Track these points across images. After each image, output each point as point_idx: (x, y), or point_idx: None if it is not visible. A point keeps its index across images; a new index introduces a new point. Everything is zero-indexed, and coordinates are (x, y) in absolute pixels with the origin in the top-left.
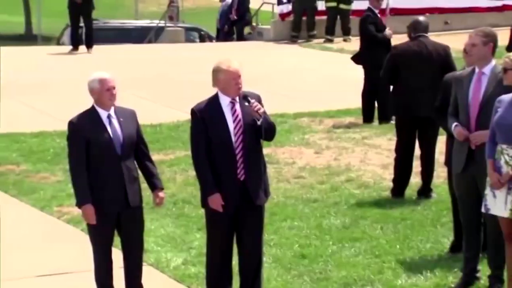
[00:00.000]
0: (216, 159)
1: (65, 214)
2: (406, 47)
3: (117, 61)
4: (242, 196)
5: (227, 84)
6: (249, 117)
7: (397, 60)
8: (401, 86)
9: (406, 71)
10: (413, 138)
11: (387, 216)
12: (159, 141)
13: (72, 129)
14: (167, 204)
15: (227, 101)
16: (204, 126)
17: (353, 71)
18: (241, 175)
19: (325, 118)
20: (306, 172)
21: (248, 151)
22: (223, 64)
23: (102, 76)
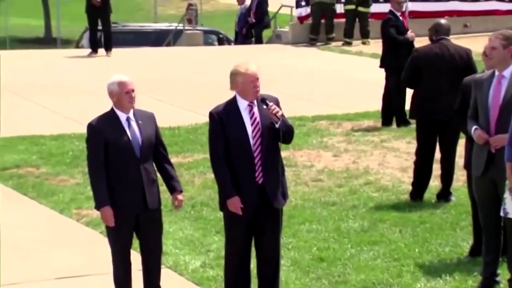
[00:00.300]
0: (234, 162)
1: (84, 217)
2: (428, 49)
3: (135, 64)
4: (261, 199)
5: (245, 87)
6: (267, 120)
7: (418, 63)
8: (422, 89)
9: (428, 73)
10: (434, 141)
11: (406, 219)
12: (178, 144)
13: (91, 132)
14: (186, 206)
15: (245, 104)
16: (222, 129)
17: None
18: (259, 178)
19: (343, 121)
20: (325, 175)
21: (266, 154)
22: (241, 67)
23: (121, 79)
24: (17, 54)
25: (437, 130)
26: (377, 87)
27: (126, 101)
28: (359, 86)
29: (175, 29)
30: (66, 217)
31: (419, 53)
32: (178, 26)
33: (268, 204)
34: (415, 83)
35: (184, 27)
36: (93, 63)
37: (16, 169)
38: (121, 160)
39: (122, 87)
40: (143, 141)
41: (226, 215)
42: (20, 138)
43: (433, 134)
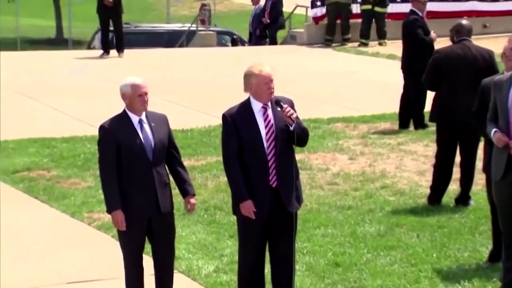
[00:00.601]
0: (248, 165)
1: (95, 220)
2: (450, 51)
3: (148, 65)
4: (275, 203)
5: (259, 89)
6: (282, 123)
7: (440, 64)
8: (444, 91)
9: (449, 75)
10: (454, 144)
11: (424, 223)
12: (190, 146)
13: (103, 134)
14: (198, 210)
15: (259, 106)
16: (236, 132)
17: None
18: (273, 182)
19: (359, 124)
20: (340, 179)
21: (280, 157)
22: (255, 68)
23: (135, 81)
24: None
25: (458, 133)
26: (394, 88)
27: (138, 104)
28: (375, 88)
29: (188, 30)
30: (78, 221)
31: (440, 55)
32: (191, 27)
33: (283, 208)
34: (437, 85)
35: (197, 28)
36: (105, 64)
37: (27, 172)
38: (133, 163)
39: (135, 90)
40: (155, 143)
41: (239, 219)
42: (31, 140)
43: (453, 136)
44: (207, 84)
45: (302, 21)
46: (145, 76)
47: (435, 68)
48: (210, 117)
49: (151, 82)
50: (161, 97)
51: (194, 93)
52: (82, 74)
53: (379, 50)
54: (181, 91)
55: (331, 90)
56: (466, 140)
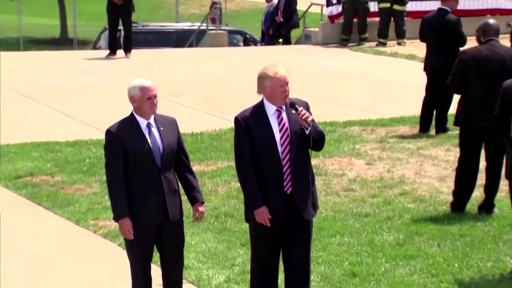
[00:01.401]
0: (262, 170)
1: (101, 228)
2: (476, 52)
3: (156, 66)
4: (289, 209)
5: (273, 92)
6: (297, 126)
7: (467, 66)
8: (470, 94)
9: (476, 77)
10: (479, 149)
11: (445, 232)
12: (200, 151)
13: (110, 138)
14: (209, 218)
15: (273, 109)
16: (249, 135)
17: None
18: (288, 188)
19: (377, 127)
20: (357, 185)
21: (295, 162)
22: (269, 70)
23: (143, 83)
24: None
25: (483, 137)
26: (414, 90)
27: (147, 107)
28: (394, 90)
29: (198, 29)
30: (83, 229)
31: (467, 56)
32: (201, 26)
33: (298, 215)
34: (463, 88)
35: (208, 27)
36: (111, 65)
37: (30, 178)
38: (141, 168)
39: (144, 92)
40: (164, 148)
41: (252, 227)
42: (34, 144)
43: (477, 141)
44: (217, 85)
45: (317, 19)
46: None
47: (462, 70)
48: (221, 120)
49: (160, 83)
50: (169, 99)
51: (204, 95)
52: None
53: (397, 50)
54: (191, 93)
55: (348, 92)
56: (492, 145)
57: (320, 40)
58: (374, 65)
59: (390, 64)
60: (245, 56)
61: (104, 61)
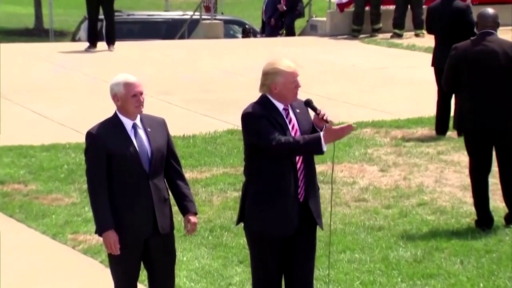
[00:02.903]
0: (276, 176)
1: (81, 243)
2: (468, 46)
3: (143, 60)
4: (302, 219)
5: (286, 88)
6: (304, 125)
7: (458, 63)
8: (464, 94)
9: (468, 76)
10: (487, 154)
11: (468, 247)
12: (193, 156)
13: (91, 142)
14: (202, 231)
15: (280, 108)
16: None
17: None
18: (301, 194)
19: (392, 129)
20: (369, 194)
21: (307, 166)
22: (280, 64)
23: (128, 79)
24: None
25: (491, 142)
26: (433, 88)
27: (132, 106)
28: (411, 87)
29: (190, 19)
30: (60, 243)
31: (457, 51)
32: (194, 15)
33: (308, 225)
34: (457, 88)
35: (201, 16)
36: (92, 59)
37: (0, 186)
38: (127, 175)
39: (129, 89)
40: (152, 152)
41: (253, 238)
42: (4, 149)
43: (485, 146)
44: (213, 82)
45: (324, 8)
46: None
47: (453, 67)
48: (216, 122)
49: (147, 80)
50: (158, 98)
51: (198, 93)
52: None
53: (415, 42)
54: (182, 91)
55: (359, 89)
56: (503, 149)
57: (327, 31)
58: (388, 59)
59: (406, 58)
60: (244, 49)
61: (84, 54)
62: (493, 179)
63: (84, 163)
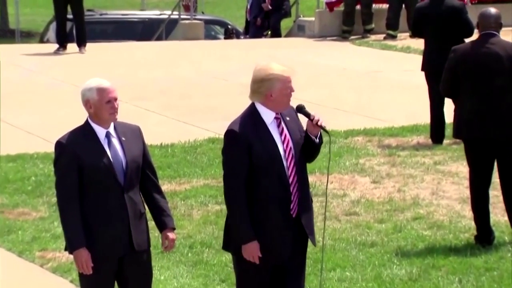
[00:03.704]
0: (264, 193)
1: (50, 261)
2: (468, 49)
3: (117, 63)
4: (298, 237)
5: (281, 94)
6: (296, 134)
7: (456, 67)
8: (464, 100)
9: (468, 80)
10: (486, 164)
11: (467, 265)
12: (171, 166)
13: (61, 152)
14: (181, 248)
15: (271, 117)
16: (248, 154)
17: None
18: (294, 210)
19: (385, 137)
20: (361, 207)
21: (300, 179)
22: (274, 69)
23: (101, 84)
24: None
25: (493, 152)
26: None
27: (106, 113)
28: (406, 92)
29: (168, 18)
30: (27, 261)
31: (456, 54)
32: (172, 15)
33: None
34: (456, 93)
35: (180, 16)
36: (61, 62)
37: None
38: (99, 188)
39: (102, 95)
40: (127, 163)
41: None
42: None
43: (487, 156)
44: (193, 87)
45: (313, 7)
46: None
47: (451, 71)
48: (197, 130)
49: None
50: (134, 104)
51: (176, 99)
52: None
53: (410, 44)
54: (159, 96)
55: (350, 95)
56: (505, 161)
57: (316, 32)
58: (381, 62)
59: (401, 61)
60: (227, 52)
61: (53, 57)
62: (493, 191)
63: (53, 175)
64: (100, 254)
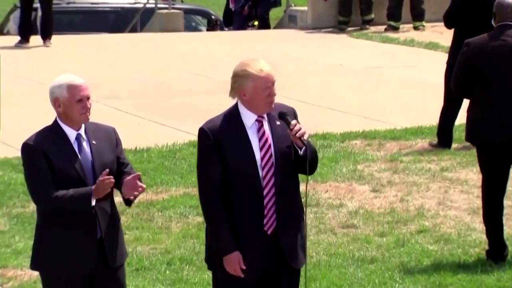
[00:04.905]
0: (236, 202)
1: (11, 280)
2: (483, 42)
3: (86, 57)
4: (272, 256)
5: (256, 96)
6: (283, 142)
7: (471, 61)
8: (479, 99)
9: (483, 76)
10: (502, 170)
11: (478, 283)
12: (147, 173)
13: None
14: (158, 264)
15: (252, 119)
16: (220, 155)
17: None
18: (269, 227)
19: (386, 141)
20: (359, 219)
21: (280, 192)
22: (251, 66)
23: (72, 81)
24: None
25: (509, 158)
26: (436, 91)
27: (77, 113)
28: (409, 90)
29: (143, 8)
30: None
31: (470, 48)
32: (148, 3)
33: (283, 264)
34: (470, 90)
35: (157, 5)
36: (24, 57)
37: None
38: None
39: (74, 93)
40: (96, 170)
41: (219, 278)
42: None
43: (503, 162)
44: (171, 85)
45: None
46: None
47: (465, 66)
48: (176, 132)
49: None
50: (104, 103)
51: (153, 98)
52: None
53: (414, 37)
54: (134, 95)
55: (347, 93)
56: None
57: (309, 23)
58: (382, 57)
59: (404, 56)
60: (209, 45)
61: (14, 51)
62: (507, 201)
63: (14, 184)
64: (69, 271)
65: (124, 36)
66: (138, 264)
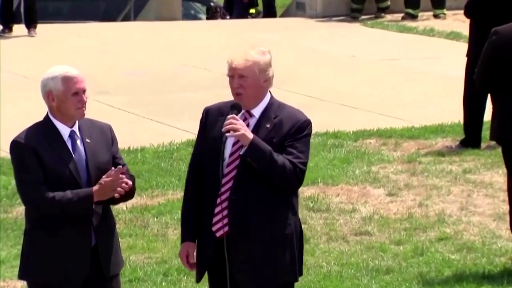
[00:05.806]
0: (202, 192)
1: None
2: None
3: (74, 49)
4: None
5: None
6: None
7: (500, 52)
8: (506, 93)
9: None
10: None
11: None
12: (142, 175)
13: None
14: (154, 275)
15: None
16: (202, 137)
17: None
18: (218, 228)
19: (403, 140)
20: (374, 226)
21: (241, 192)
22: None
23: (67, 72)
24: None
25: None
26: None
27: (72, 107)
28: (428, 84)
29: None
30: None
31: (498, 37)
32: None
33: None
34: (496, 85)
35: None
36: (7, 47)
37: None
38: None
39: (69, 85)
40: (90, 171)
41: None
42: None
43: None
44: (168, 79)
45: None
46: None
47: (492, 57)
48: (172, 130)
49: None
50: (95, 99)
51: (147, 93)
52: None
53: (434, 26)
54: (128, 90)
55: (360, 88)
56: None
57: (318, 11)
58: (399, 48)
59: (423, 47)
60: (209, 35)
61: None
62: None
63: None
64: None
65: (116, 25)
66: (131, 274)
